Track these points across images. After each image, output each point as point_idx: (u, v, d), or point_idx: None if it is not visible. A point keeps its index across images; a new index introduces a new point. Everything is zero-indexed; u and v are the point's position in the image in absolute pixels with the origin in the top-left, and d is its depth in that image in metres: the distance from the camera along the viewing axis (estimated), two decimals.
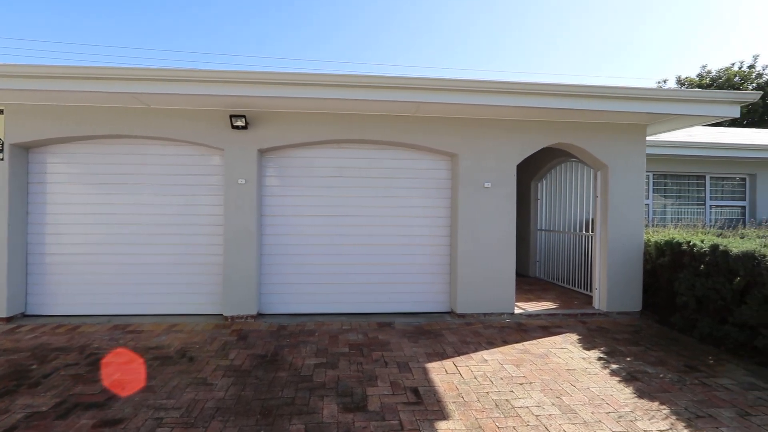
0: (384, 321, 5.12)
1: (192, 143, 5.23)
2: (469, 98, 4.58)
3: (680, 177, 8.56)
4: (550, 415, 2.74)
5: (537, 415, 2.73)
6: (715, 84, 22.92)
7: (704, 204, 8.59)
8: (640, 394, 3.08)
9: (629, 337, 4.51)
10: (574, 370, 3.54)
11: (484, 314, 5.27)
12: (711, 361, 3.79)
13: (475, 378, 3.36)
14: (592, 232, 5.97)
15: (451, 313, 5.45)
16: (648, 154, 7.68)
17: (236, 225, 5.10)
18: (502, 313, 5.29)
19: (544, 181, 8.09)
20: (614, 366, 3.63)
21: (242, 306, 5.09)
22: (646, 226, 7.51)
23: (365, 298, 5.49)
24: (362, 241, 5.50)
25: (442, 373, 3.46)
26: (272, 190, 5.43)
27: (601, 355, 3.90)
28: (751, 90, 20.75)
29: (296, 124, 5.16)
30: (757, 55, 26.20)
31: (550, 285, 7.35)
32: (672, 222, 8.20)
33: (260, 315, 5.29)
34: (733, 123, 20.26)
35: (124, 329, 4.64)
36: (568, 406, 2.87)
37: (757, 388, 3.22)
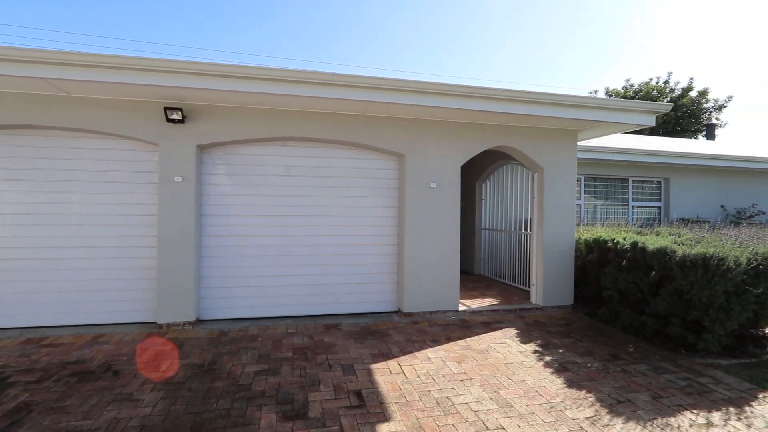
0: (331, 323, 5.04)
1: (123, 137, 4.79)
2: (416, 99, 4.63)
3: (608, 180, 9.32)
4: (488, 410, 2.84)
5: (476, 411, 2.82)
6: (636, 96, 25.31)
7: (627, 204, 9.43)
8: (570, 383, 3.30)
9: (562, 329, 4.82)
10: (512, 363, 3.71)
11: (430, 312, 5.38)
12: (631, 349, 4.15)
13: (418, 377, 3.40)
14: (530, 231, 6.31)
15: (398, 312, 5.50)
16: (580, 159, 8.29)
17: (172, 226, 4.76)
18: (447, 311, 5.43)
19: (488, 183, 8.43)
20: (548, 358, 3.86)
21: (179, 312, 4.76)
22: (578, 225, 8.10)
23: (313, 300, 5.37)
24: (309, 242, 5.38)
25: (387, 374, 3.46)
26: (213, 189, 5.14)
27: (537, 348, 4.13)
28: (666, 102, 23.17)
29: (239, 119, 4.92)
30: (671, 72, 29.40)
31: (493, 282, 7.68)
32: (601, 221, 8.92)
33: (199, 321, 4.98)
34: (651, 132, 22.45)
35: (38, 343, 4.15)
36: (505, 400, 2.99)
37: (668, 372, 3.58)
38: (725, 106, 23.98)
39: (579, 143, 8.05)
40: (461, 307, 5.60)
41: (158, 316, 4.72)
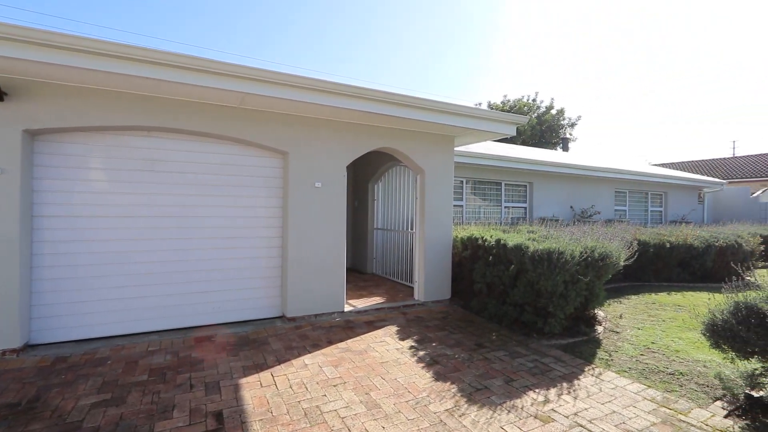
0: (205, 334, 4.56)
1: None
2: (296, 94, 4.43)
3: (486, 183, 10.34)
4: (355, 414, 2.83)
5: (343, 417, 2.78)
6: (512, 110, 28.82)
7: (501, 205, 10.60)
8: (438, 376, 3.49)
9: (438, 323, 5.14)
10: (387, 362, 3.79)
11: (316, 315, 5.25)
12: (494, 337, 4.61)
13: (290, 387, 3.24)
14: (414, 230, 6.61)
15: (282, 317, 5.24)
16: (464, 163, 9.05)
17: None
18: (333, 313, 5.36)
19: (380, 183, 8.64)
20: (422, 353, 4.05)
21: None
22: (461, 224, 8.81)
23: (185, 311, 4.79)
24: (181, 246, 4.78)
25: (256, 387, 3.22)
26: (53, 185, 4.21)
27: (413, 344, 4.31)
28: (534, 117, 26.84)
29: (83, 100, 4.10)
30: (538, 92, 34.32)
31: (383, 280, 7.88)
32: (481, 220, 9.85)
33: (29, 347, 4.04)
34: (523, 143, 25.76)
35: None
36: (374, 402, 3.02)
37: (521, 355, 4.04)
38: (576, 124, 28.80)
39: (461, 149, 8.77)
40: (348, 308, 5.58)
41: None
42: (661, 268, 7.85)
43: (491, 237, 5.46)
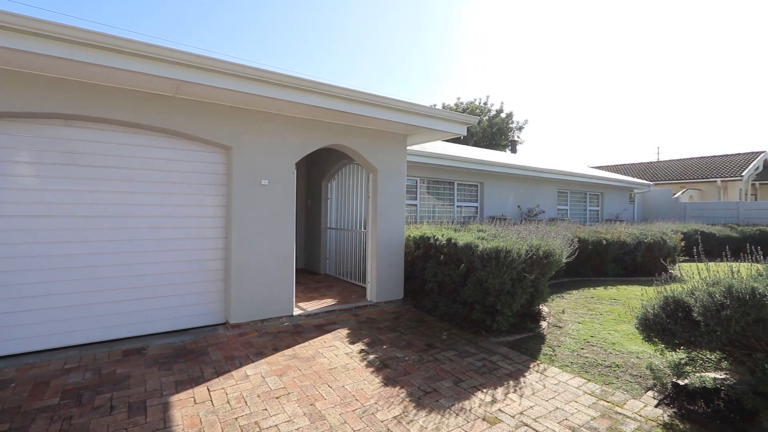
0: (135, 347, 4.13)
1: None
2: (236, 84, 4.12)
3: (440, 183, 10.46)
4: (298, 429, 2.64)
5: None
6: (465, 112, 29.67)
7: (453, 205, 10.78)
8: (387, 381, 3.39)
9: (390, 324, 5.06)
10: (335, 368, 3.63)
11: (262, 321, 4.96)
12: (444, 336, 4.60)
13: (228, 402, 2.98)
14: (366, 229, 6.49)
15: (225, 324, 4.89)
16: (418, 163, 9.07)
17: None
18: (281, 317, 5.10)
19: (334, 182, 8.42)
20: (371, 357, 3.94)
21: None
22: (415, 223, 8.83)
23: (112, 321, 4.31)
24: (108, 249, 4.29)
25: (189, 405, 2.93)
26: None
27: (363, 347, 4.19)
28: (485, 120, 27.78)
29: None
30: (489, 95, 35.64)
31: (336, 281, 7.68)
32: (435, 220, 9.95)
33: None
34: (476, 144, 26.57)
35: None
36: (319, 413, 2.85)
37: (470, 354, 4.06)
38: (523, 127, 30.23)
39: (416, 148, 8.78)
40: (297, 312, 5.34)
41: None
42: (598, 263, 8.36)
43: (442, 236, 5.47)
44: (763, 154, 21.40)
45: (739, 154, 22.12)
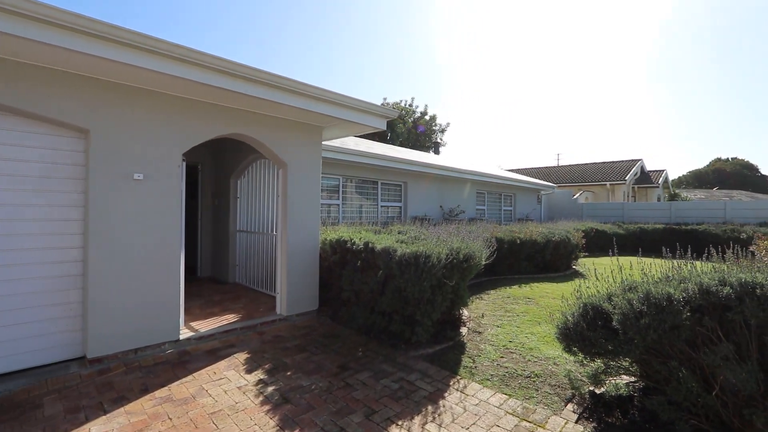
0: None
1: None
2: (84, 45, 3.14)
3: (364, 181, 10.00)
4: None
5: None
6: None
7: (377, 204, 10.41)
8: (285, 423, 2.77)
9: (300, 342, 4.41)
10: (221, 411, 2.90)
11: (135, 351, 3.97)
12: (360, 354, 4.10)
13: None
14: (276, 232, 5.75)
15: (81, 359, 3.82)
16: (341, 160, 8.47)
17: None
18: (163, 344, 4.15)
19: (244, 179, 7.45)
20: (270, 389, 3.27)
21: None
22: (337, 224, 8.23)
23: None
24: None
25: None
26: None
27: (262, 377, 3.49)
28: (410, 121, 28.16)
29: None
30: (414, 97, 36.42)
31: (246, 291, 6.78)
32: (359, 220, 9.44)
33: None
34: (401, 145, 26.76)
35: None
36: None
37: (387, 374, 3.60)
38: (446, 129, 31.34)
39: (336, 144, 8.19)
40: (186, 334, 4.43)
41: None
42: (513, 262, 8.59)
43: (360, 239, 4.97)
44: (640, 162, 24.83)
45: (623, 161, 25.42)
